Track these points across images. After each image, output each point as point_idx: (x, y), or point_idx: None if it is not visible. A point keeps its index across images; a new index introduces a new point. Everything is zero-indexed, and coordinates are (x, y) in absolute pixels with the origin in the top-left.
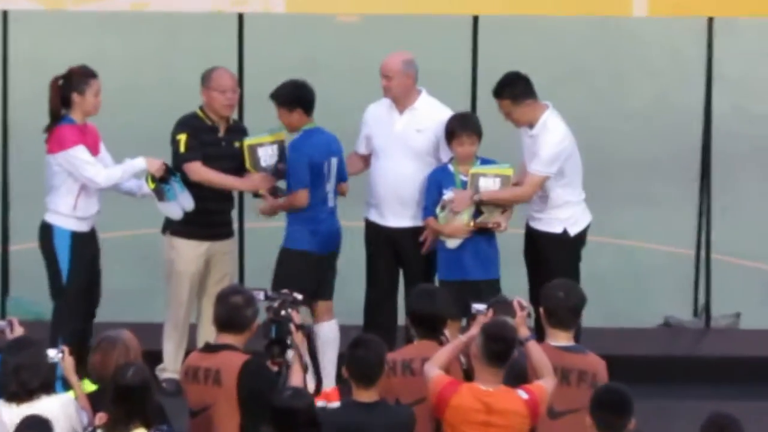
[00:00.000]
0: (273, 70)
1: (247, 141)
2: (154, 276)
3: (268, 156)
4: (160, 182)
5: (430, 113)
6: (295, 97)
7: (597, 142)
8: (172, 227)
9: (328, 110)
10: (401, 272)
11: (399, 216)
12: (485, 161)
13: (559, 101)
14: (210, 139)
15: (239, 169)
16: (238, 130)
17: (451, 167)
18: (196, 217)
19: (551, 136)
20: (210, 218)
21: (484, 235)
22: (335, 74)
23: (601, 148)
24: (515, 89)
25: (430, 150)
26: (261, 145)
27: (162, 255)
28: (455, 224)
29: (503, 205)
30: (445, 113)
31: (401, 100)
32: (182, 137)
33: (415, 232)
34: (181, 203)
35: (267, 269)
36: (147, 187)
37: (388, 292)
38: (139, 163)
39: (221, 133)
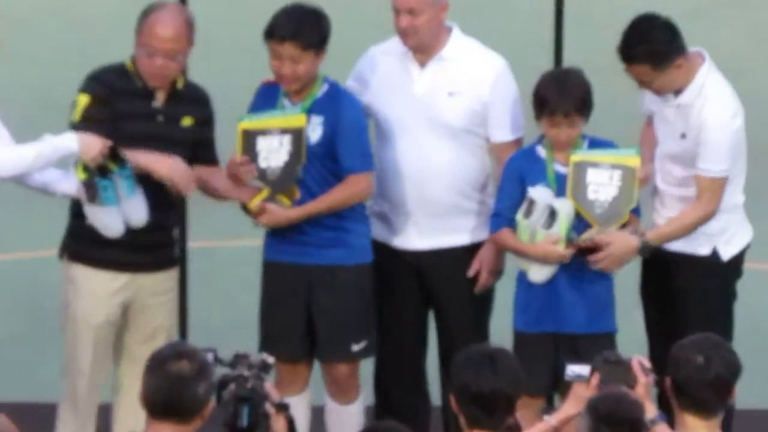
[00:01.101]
0: None
1: (244, 122)
2: (41, 326)
3: (273, 151)
4: (98, 174)
5: (470, 63)
6: (326, 32)
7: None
8: (70, 248)
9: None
10: (432, 319)
11: (428, 232)
12: (596, 142)
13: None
14: (138, 108)
15: (188, 162)
16: (191, 100)
17: (541, 150)
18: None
19: (719, 109)
20: (134, 236)
21: (583, 265)
22: None
23: None
24: (658, 47)
25: (474, 123)
26: (264, 132)
27: (57, 292)
28: (547, 242)
29: (621, 210)
30: (494, 62)
31: (427, 47)
32: (83, 100)
33: (457, 256)
34: (125, 212)
35: (225, 316)
36: (75, 181)
37: (411, 352)
38: (67, 142)
39: (159, 102)
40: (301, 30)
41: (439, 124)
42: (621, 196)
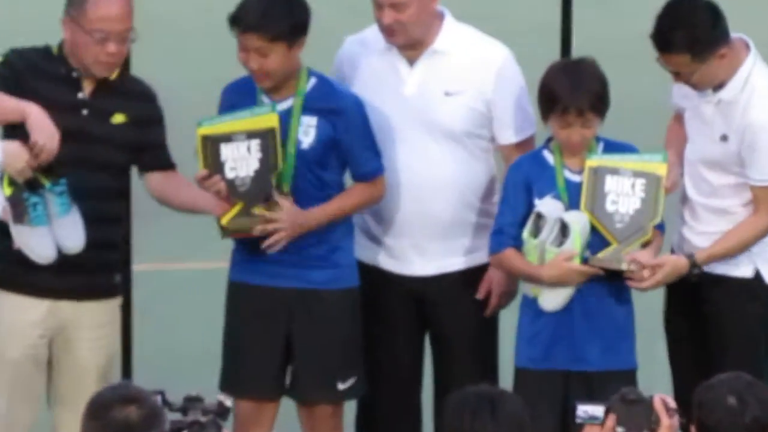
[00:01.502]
0: None
1: (204, 127)
2: None
3: (240, 159)
4: (27, 189)
5: (468, 56)
6: (300, 20)
7: None
8: None
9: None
10: (430, 353)
11: (431, 254)
12: (612, 145)
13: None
14: (61, 97)
15: (121, 167)
16: (127, 95)
17: (548, 155)
18: None
19: None
20: (65, 255)
21: (610, 287)
22: None
23: None
24: (701, 33)
25: (477, 124)
26: (229, 137)
27: None
28: (560, 262)
29: (645, 225)
30: (496, 52)
31: (421, 40)
32: None
33: (463, 279)
34: (58, 234)
35: (176, 350)
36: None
37: (406, 390)
38: None
39: (84, 93)
40: (268, 18)
41: (437, 129)
42: (644, 208)
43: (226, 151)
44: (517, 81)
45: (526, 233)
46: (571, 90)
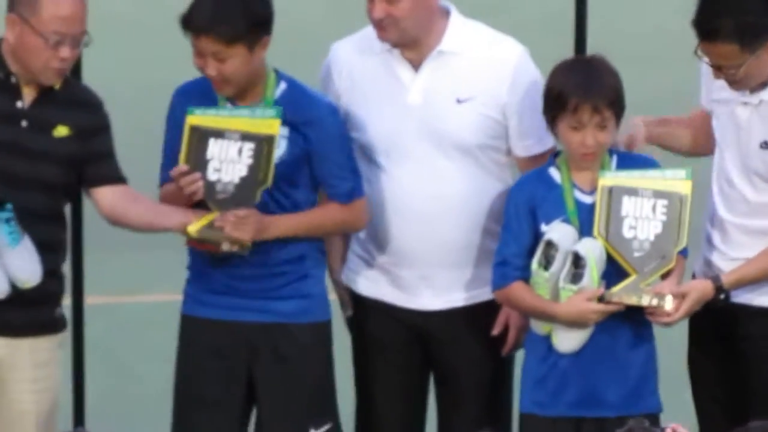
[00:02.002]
0: None
1: (195, 116)
2: None
3: (228, 160)
4: None
5: (479, 56)
6: (261, 17)
7: None
8: None
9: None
10: (435, 395)
11: (436, 285)
12: (627, 159)
13: None
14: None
15: (63, 186)
16: (70, 104)
17: (555, 172)
18: None
19: None
20: (18, 290)
21: (629, 321)
22: None
23: None
24: (753, 19)
25: (492, 134)
26: (221, 133)
27: None
28: (579, 301)
29: (668, 252)
30: (511, 50)
31: (414, 42)
32: None
33: (475, 314)
34: (9, 268)
35: (130, 391)
36: None
37: None
38: None
39: (24, 103)
40: (222, 18)
41: (447, 142)
42: (667, 233)
43: (214, 147)
44: (534, 83)
45: (535, 264)
46: (584, 85)
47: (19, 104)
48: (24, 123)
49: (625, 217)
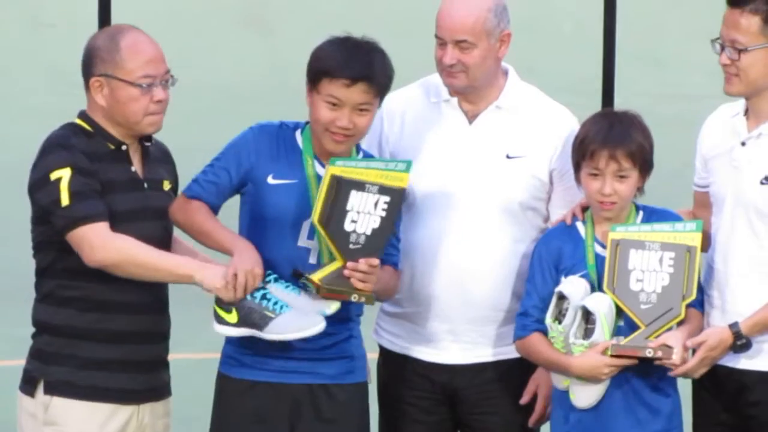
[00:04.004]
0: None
1: (337, 166)
2: None
3: (364, 213)
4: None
5: (535, 117)
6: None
7: None
8: (47, 374)
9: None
10: None
11: (464, 341)
12: (655, 213)
13: None
14: (119, 175)
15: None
16: (159, 159)
17: (581, 227)
18: (106, 348)
19: None
20: (138, 350)
21: (646, 374)
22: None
23: None
24: None
25: (537, 196)
26: (362, 185)
27: None
28: (592, 354)
29: (674, 305)
30: (565, 118)
31: (479, 93)
32: (63, 174)
33: (504, 372)
34: (307, 306)
35: None
36: None
37: None
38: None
39: (136, 166)
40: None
41: (494, 198)
42: (674, 285)
43: (355, 199)
44: None
45: (549, 318)
46: (604, 132)
47: (133, 169)
48: (146, 186)
49: (632, 270)
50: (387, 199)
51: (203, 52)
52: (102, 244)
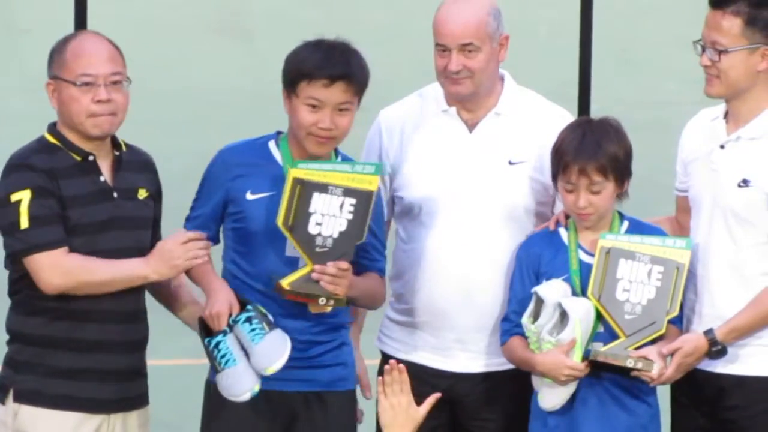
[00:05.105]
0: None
1: (299, 169)
2: None
3: (329, 216)
4: (205, 335)
5: (534, 122)
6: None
7: None
8: (17, 382)
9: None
10: None
11: (471, 350)
12: (639, 226)
13: None
14: (85, 187)
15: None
16: (136, 166)
17: (564, 233)
18: (76, 357)
19: None
20: (110, 359)
21: (626, 382)
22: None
23: None
24: (763, 4)
25: (540, 200)
26: (325, 187)
27: None
28: (556, 353)
29: (658, 319)
30: (562, 118)
31: (480, 100)
32: (23, 197)
33: (507, 382)
34: (253, 362)
35: None
36: None
37: None
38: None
39: (106, 175)
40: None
41: (498, 204)
42: (659, 300)
43: (318, 201)
44: None
45: (524, 318)
46: (575, 145)
47: (102, 179)
48: (115, 194)
49: (620, 280)
50: (353, 201)
51: (181, 59)
52: (58, 272)
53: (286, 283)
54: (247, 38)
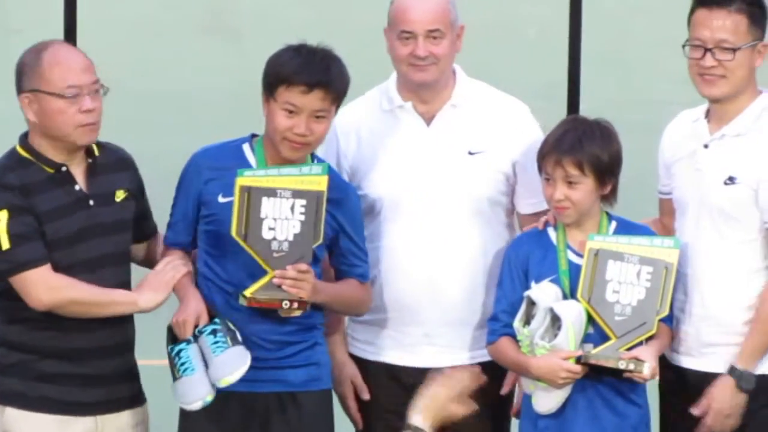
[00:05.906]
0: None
1: (245, 177)
2: None
3: (282, 219)
4: (171, 342)
5: (489, 111)
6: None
7: None
8: (2, 385)
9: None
10: None
11: (439, 344)
12: (627, 225)
13: None
14: (60, 199)
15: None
16: (112, 167)
17: (552, 233)
18: (59, 362)
19: None
20: (96, 365)
21: (616, 384)
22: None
23: None
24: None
25: (501, 189)
26: (273, 191)
27: None
28: (552, 357)
29: (648, 319)
30: (518, 109)
31: (436, 88)
32: (1, 217)
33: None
34: (210, 372)
35: None
36: None
37: None
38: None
39: (81, 184)
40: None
41: (460, 196)
42: (649, 300)
43: (268, 206)
44: (539, 141)
45: (516, 321)
46: (556, 138)
47: (77, 188)
48: (91, 203)
49: (609, 281)
50: (303, 202)
51: (169, 59)
52: (45, 289)
53: (249, 292)
54: (236, 38)
